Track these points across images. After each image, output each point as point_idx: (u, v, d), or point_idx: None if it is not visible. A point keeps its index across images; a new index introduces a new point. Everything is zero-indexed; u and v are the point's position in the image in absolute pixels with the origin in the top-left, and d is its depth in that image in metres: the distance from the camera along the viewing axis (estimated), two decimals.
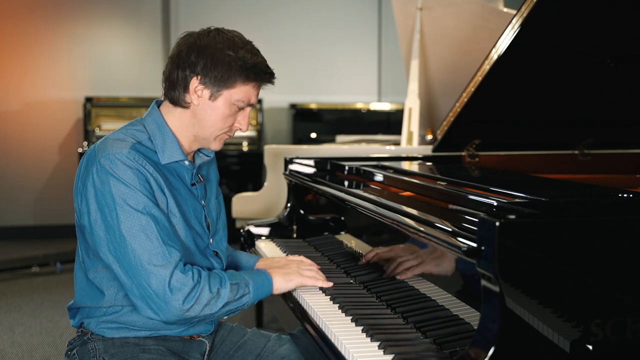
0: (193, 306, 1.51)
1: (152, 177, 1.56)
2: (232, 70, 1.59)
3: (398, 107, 6.67)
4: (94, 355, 1.61)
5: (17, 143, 6.45)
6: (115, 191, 1.51)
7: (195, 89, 1.60)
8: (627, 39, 2.41)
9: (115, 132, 1.64)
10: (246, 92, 1.62)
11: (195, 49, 1.59)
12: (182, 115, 1.65)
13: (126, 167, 1.52)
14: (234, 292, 1.57)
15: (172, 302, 1.49)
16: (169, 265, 1.50)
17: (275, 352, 1.78)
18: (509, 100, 2.65)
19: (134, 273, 1.50)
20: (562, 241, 1.20)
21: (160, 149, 1.62)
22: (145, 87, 6.68)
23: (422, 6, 3.61)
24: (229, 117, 1.64)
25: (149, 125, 1.65)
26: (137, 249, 1.49)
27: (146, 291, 1.50)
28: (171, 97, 1.64)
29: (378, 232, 1.91)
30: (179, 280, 1.49)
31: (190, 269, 1.53)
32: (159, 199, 1.57)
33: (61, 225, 6.49)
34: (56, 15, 6.45)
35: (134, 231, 1.50)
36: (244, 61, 1.59)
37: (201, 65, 1.58)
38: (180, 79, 1.60)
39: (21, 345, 3.50)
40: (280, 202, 3.37)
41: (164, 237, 1.52)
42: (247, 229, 2.54)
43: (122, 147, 1.56)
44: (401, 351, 1.34)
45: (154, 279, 1.48)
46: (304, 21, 7.05)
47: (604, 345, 1.20)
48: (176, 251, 1.53)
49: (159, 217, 1.53)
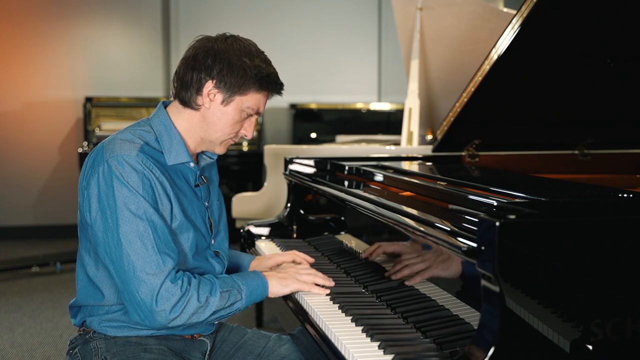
0: (179, 316, 1.51)
1: (158, 181, 1.57)
2: (247, 78, 1.61)
3: (398, 107, 6.67)
4: (96, 354, 1.61)
5: (17, 143, 6.45)
6: (118, 194, 1.51)
7: (208, 92, 1.62)
8: (627, 39, 2.41)
9: (122, 131, 1.64)
10: (257, 100, 1.65)
11: (212, 53, 1.60)
12: (191, 117, 1.66)
13: (133, 170, 1.53)
14: (224, 300, 1.57)
15: (158, 312, 1.49)
16: (160, 275, 1.50)
17: (275, 352, 1.78)
18: (509, 100, 2.65)
19: (125, 278, 1.50)
20: (562, 241, 1.20)
21: (167, 150, 1.63)
22: (145, 87, 6.68)
23: (422, 6, 3.61)
24: (237, 123, 1.66)
25: (156, 125, 1.66)
26: (132, 255, 1.49)
27: (134, 298, 1.50)
28: (182, 98, 1.65)
29: (378, 232, 1.91)
30: (168, 290, 1.49)
31: (180, 277, 1.53)
32: (163, 204, 1.57)
33: (61, 225, 6.50)
34: (56, 15, 6.45)
35: (130, 237, 1.50)
36: (259, 70, 1.61)
37: (217, 69, 1.60)
38: (195, 80, 1.61)
39: (21, 345, 3.50)
40: (280, 202, 3.37)
41: (160, 244, 1.52)
42: (247, 229, 2.54)
43: (131, 149, 1.56)
44: (401, 351, 1.34)
45: (144, 288, 1.49)
46: (304, 21, 7.05)
47: (604, 345, 1.20)
48: (170, 259, 1.53)
49: (158, 223, 1.53)
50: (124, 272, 1.50)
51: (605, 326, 1.20)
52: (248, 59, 1.61)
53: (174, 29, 6.71)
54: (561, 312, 1.19)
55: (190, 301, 1.52)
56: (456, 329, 1.39)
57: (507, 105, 2.67)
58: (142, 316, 1.51)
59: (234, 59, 1.60)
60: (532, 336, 1.17)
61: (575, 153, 2.94)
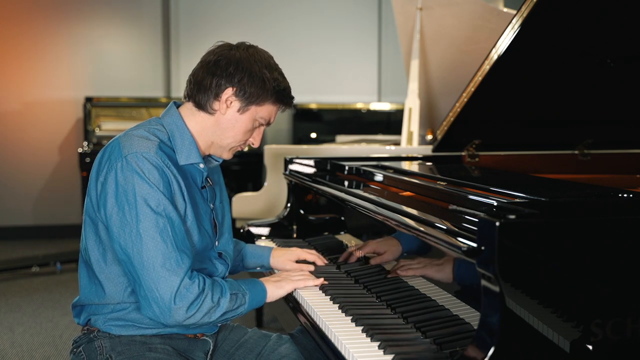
0: (195, 314, 1.54)
1: (175, 179, 1.59)
2: (266, 90, 1.64)
3: (398, 107, 6.67)
4: (100, 352, 1.62)
5: (17, 143, 6.45)
6: (139, 190, 1.52)
7: (227, 99, 1.63)
8: (627, 39, 2.41)
9: (136, 128, 1.65)
10: (270, 112, 1.69)
11: (234, 61, 1.63)
12: (205, 120, 1.68)
13: (153, 167, 1.54)
14: (233, 302, 1.61)
15: (175, 309, 1.51)
16: (180, 272, 1.52)
17: (275, 351, 1.79)
18: (509, 100, 2.65)
19: (144, 273, 1.51)
20: (562, 241, 1.20)
21: (179, 150, 1.65)
22: (145, 87, 6.68)
23: (422, 6, 3.61)
24: (248, 132, 1.70)
25: (168, 125, 1.67)
26: (152, 251, 1.51)
27: (153, 294, 1.51)
28: (198, 101, 1.66)
29: (378, 232, 1.92)
30: (187, 288, 1.52)
31: (196, 277, 1.56)
32: (178, 202, 1.59)
33: (61, 225, 6.49)
34: (56, 16, 6.45)
35: (151, 232, 1.51)
36: (277, 83, 1.65)
37: (238, 77, 1.62)
38: (214, 86, 1.63)
39: (21, 345, 3.50)
40: (280, 202, 3.37)
41: (178, 242, 1.54)
42: (247, 229, 2.54)
43: (150, 146, 1.57)
44: (401, 351, 1.34)
45: (163, 284, 1.50)
46: (304, 21, 7.05)
47: (604, 345, 1.20)
48: (187, 258, 1.55)
49: (176, 221, 1.55)
50: (142, 267, 1.51)
51: (605, 326, 1.20)
52: (268, 71, 1.64)
53: (174, 29, 6.71)
54: (561, 312, 1.19)
55: (205, 300, 1.55)
56: (456, 329, 1.39)
57: (507, 105, 2.67)
58: (159, 312, 1.52)
59: (255, 69, 1.63)
60: (532, 336, 1.17)
61: (575, 153, 2.94)
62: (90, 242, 1.63)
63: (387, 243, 1.83)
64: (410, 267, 1.67)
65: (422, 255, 1.61)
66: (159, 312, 1.52)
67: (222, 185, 1.88)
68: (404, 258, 1.73)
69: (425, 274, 1.58)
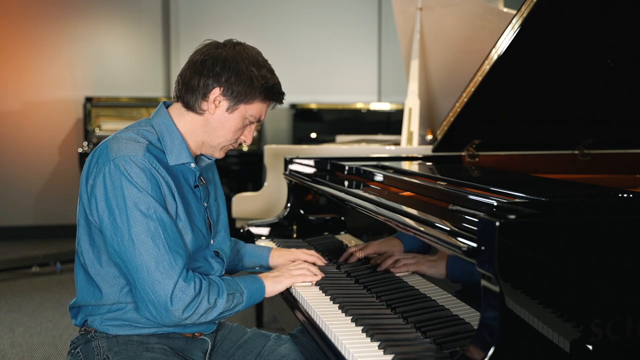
0: (191, 315, 1.55)
1: (164, 181, 1.58)
2: (254, 88, 1.63)
3: (398, 107, 6.67)
4: (98, 352, 1.62)
5: (17, 143, 6.45)
6: (128, 195, 1.52)
7: (214, 98, 1.63)
8: (627, 39, 2.41)
9: (125, 130, 1.64)
10: (260, 109, 1.68)
11: (221, 60, 1.62)
12: (194, 120, 1.67)
13: (140, 170, 1.54)
14: (230, 302, 1.62)
15: (171, 311, 1.52)
16: (173, 274, 1.52)
17: (275, 351, 1.79)
18: (509, 100, 2.65)
19: (139, 277, 1.52)
20: (562, 241, 1.20)
21: (169, 150, 1.64)
22: (145, 87, 6.68)
23: (422, 6, 3.61)
24: (238, 130, 1.68)
25: (158, 126, 1.67)
26: (144, 255, 1.51)
27: (149, 296, 1.52)
28: (186, 101, 1.66)
29: (378, 232, 1.91)
30: (182, 290, 1.52)
31: (192, 278, 1.56)
32: (169, 203, 1.59)
33: (61, 225, 6.49)
34: (56, 15, 6.45)
35: (142, 237, 1.51)
36: (265, 80, 1.64)
37: (225, 77, 1.61)
38: (201, 86, 1.62)
39: (21, 345, 3.50)
40: (280, 202, 3.37)
41: (171, 243, 1.54)
42: (247, 229, 2.54)
43: (137, 149, 1.57)
44: (401, 351, 1.34)
45: (158, 287, 1.51)
46: (304, 21, 7.05)
47: (604, 345, 1.20)
48: (181, 258, 1.55)
49: (168, 222, 1.55)
50: (137, 271, 1.52)
51: (605, 326, 1.20)
52: (255, 69, 1.63)
53: (174, 29, 6.71)
54: (561, 312, 1.19)
55: (202, 302, 1.56)
56: (456, 329, 1.39)
57: (507, 105, 2.67)
58: (155, 313, 1.53)
59: (242, 67, 1.62)
60: (532, 336, 1.17)
61: (575, 153, 2.93)
62: (84, 244, 1.63)
63: (388, 243, 1.83)
64: (405, 262, 1.67)
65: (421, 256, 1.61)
66: (156, 313, 1.53)
67: (217, 183, 1.87)
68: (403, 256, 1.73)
69: (419, 269, 1.58)
